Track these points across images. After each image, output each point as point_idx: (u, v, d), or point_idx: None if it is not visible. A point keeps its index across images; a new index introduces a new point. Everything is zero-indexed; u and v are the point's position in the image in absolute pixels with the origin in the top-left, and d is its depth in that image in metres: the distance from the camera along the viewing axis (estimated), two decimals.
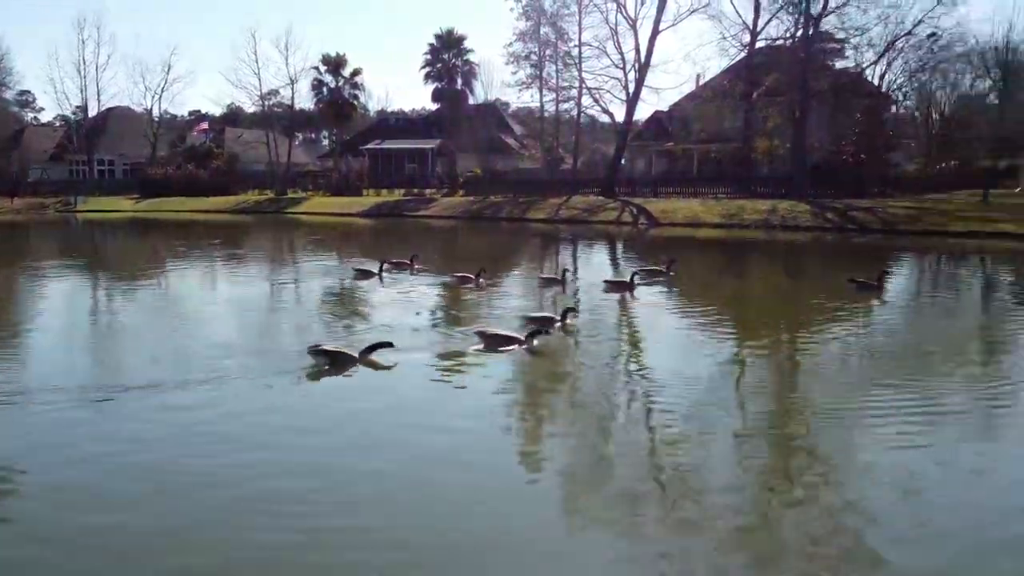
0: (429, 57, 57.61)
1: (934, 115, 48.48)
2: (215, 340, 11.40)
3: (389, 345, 10.06)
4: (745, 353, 11.09)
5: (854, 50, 44.23)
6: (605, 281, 16.73)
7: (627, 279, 16.08)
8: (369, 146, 70.51)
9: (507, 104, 70.74)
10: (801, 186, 39.71)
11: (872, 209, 33.37)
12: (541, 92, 57.29)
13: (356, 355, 9.91)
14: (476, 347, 10.55)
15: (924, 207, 33.58)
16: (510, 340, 10.60)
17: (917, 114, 50.30)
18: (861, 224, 31.33)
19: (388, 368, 9.72)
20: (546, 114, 58.02)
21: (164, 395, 8.63)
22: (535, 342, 10.56)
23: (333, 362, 9.79)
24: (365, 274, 18.25)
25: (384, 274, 18.07)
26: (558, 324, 11.82)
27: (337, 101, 61.00)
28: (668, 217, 36.42)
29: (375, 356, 9.97)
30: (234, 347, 10.82)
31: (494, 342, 10.58)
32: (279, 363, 9.85)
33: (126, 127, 73.32)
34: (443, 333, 12.01)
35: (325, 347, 10.00)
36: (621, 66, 47.86)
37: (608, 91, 48.88)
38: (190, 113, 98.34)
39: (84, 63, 67.10)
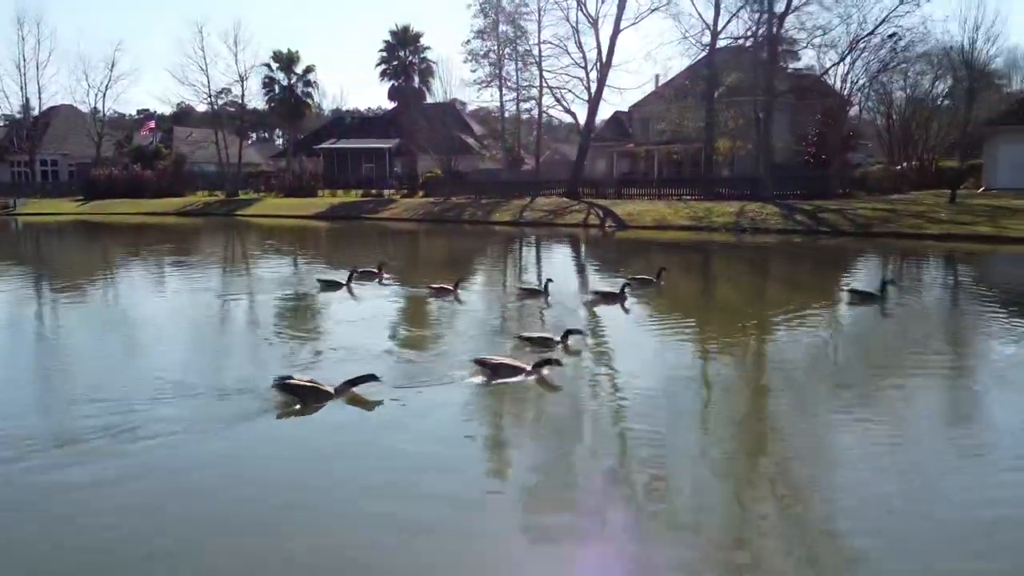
0: (385, 54, 55.80)
1: (894, 116, 48.39)
2: (154, 374, 9.44)
3: (373, 378, 8.50)
4: (740, 367, 9.84)
5: (816, 50, 43.72)
6: (594, 292, 15.36)
7: (617, 290, 14.79)
8: (324, 145, 68.36)
9: (464, 104, 69.27)
10: (766, 187, 39.01)
11: (842, 211, 32.66)
12: (501, 91, 55.89)
13: (332, 390, 8.40)
14: (476, 378, 9.07)
15: (894, 208, 33.02)
16: (516, 370, 9.14)
17: (878, 115, 50.16)
18: (832, 226, 30.55)
19: (372, 407, 8.22)
20: (507, 114, 56.68)
21: (77, 461, 6.72)
22: (545, 371, 9.11)
23: (303, 399, 8.26)
24: (330, 285, 16.61)
25: (353, 284, 16.50)
26: (559, 345, 10.46)
27: (290, 99, 58.80)
28: (635, 220, 35.31)
29: (358, 390, 8.47)
30: (178, 384, 8.99)
31: (497, 373, 9.12)
32: (233, 405, 8.22)
33: (71, 126, 69.84)
34: (431, 359, 10.43)
35: (294, 381, 8.44)
36: (583, 65, 46.78)
37: (570, 90, 47.73)
38: (139, 112, 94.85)
39: (24, 60, 63.84)
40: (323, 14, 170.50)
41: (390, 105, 65.31)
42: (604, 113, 58.03)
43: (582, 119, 49.13)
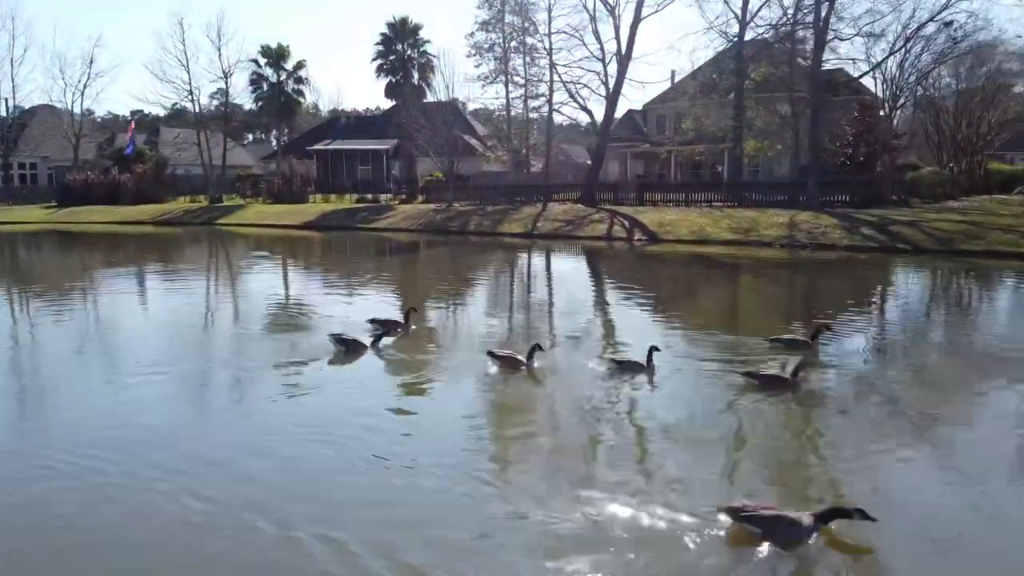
0: (381, 48, 50.35)
1: (944, 113, 43.15)
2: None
3: None
4: None
5: (865, 40, 38.45)
6: (750, 375, 9.46)
7: (783, 371, 9.50)
8: (317, 147, 63.06)
9: (465, 104, 64.02)
10: (812, 195, 33.76)
11: (915, 223, 27.44)
12: (507, 87, 50.71)
13: None
14: None
15: (971, 219, 27.79)
16: None
17: (924, 113, 44.85)
18: (910, 242, 25.29)
19: None
20: (513, 112, 51.43)
21: None
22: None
23: None
24: (347, 344, 11.18)
25: (380, 342, 11.41)
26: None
27: (279, 97, 53.42)
28: (668, 231, 30.02)
29: None
30: None
31: None
32: None
33: (50, 128, 64.38)
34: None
35: None
36: (600, 57, 41.49)
37: (586, 85, 42.43)
38: (133, 113, 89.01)
39: None
40: (317, 7, 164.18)
41: (388, 104, 59.86)
42: (616, 111, 52.59)
43: (598, 117, 43.87)
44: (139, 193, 52.67)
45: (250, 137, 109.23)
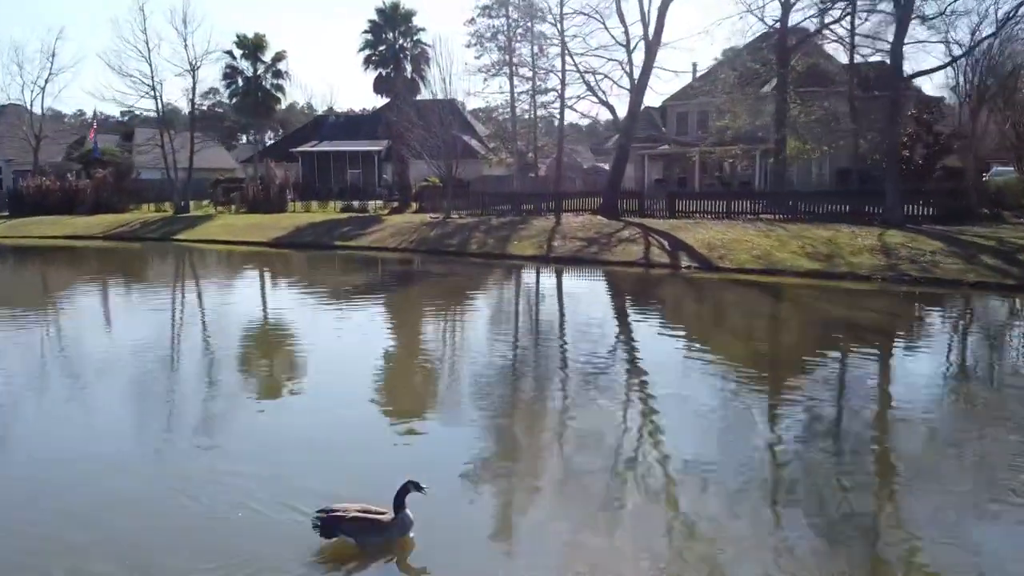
0: (369, 37, 43.40)
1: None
2: None
3: None
4: None
5: (947, 25, 31.58)
6: None
7: None
8: (302, 148, 56.05)
9: (464, 103, 57.17)
10: (894, 208, 26.90)
11: None
12: (512, 81, 43.91)
13: None
14: None
15: None
16: None
17: (1000, 109, 37.82)
18: None
19: None
20: (519, 109, 44.63)
21: None
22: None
23: None
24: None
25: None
26: None
27: (256, 93, 46.46)
28: (723, 255, 23.10)
29: None
30: None
31: None
32: None
33: (10, 129, 57.41)
34: None
35: None
36: (625, 42, 34.54)
37: (607, 75, 35.48)
38: (123, 114, 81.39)
39: None
40: None
41: (379, 100, 52.82)
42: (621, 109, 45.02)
43: (618, 112, 36.95)
44: (98, 201, 45.78)
45: (244, 139, 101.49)
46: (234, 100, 46.44)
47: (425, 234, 31.24)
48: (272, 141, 55.11)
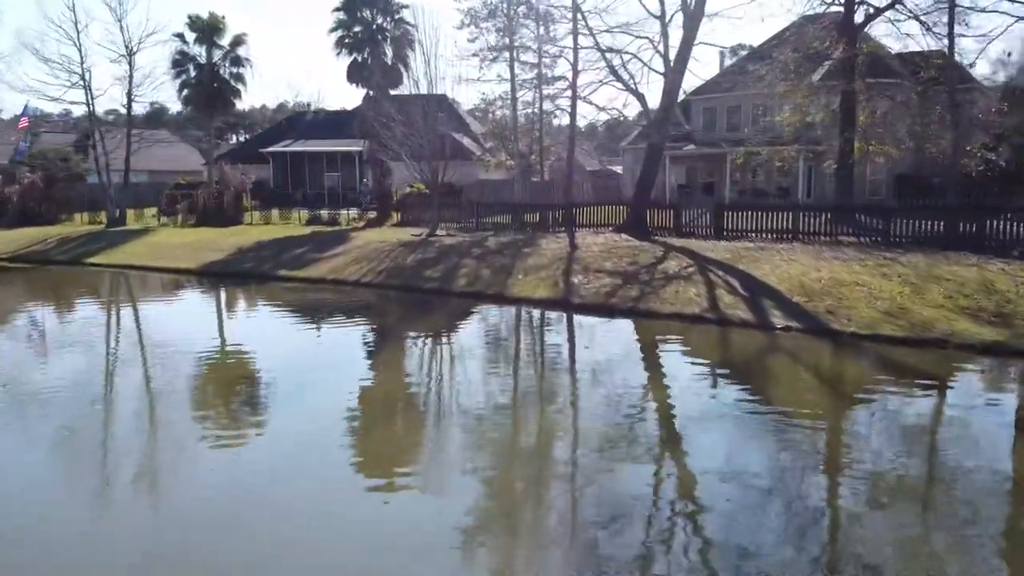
0: (342, 16, 35.05)
1: None
2: None
3: None
4: None
5: None
6: None
7: None
8: (273, 148, 47.95)
9: (456, 100, 49.01)
10: None
11: None
12: (512, 68, 35.85)
13: None
14: None
15: None
16: None
17: None
18: None
19: None
20: (522, 101, 36.60)
21: None
22: None
23: None
24: None
25: None
26: None
27: (211, 83, 38.16)
28: (835, 310, 14.77)
29: None
30: None
31: None
32: None
33: None
34: None
35: None
36: (660, 14, 26.27)
37: (634, 55, 27.08)
38: (26, 109, 71.42)
39: None
40: None
41: (355, 91, 44.49)
42: (636, 107, 36.28)
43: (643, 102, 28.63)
44: (24, 211, 37.64)
45: (235, 139, 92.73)
46: (185, 92, 38.02)
47: (400, 260, 23.04)
48: (238, 143, 46.64)
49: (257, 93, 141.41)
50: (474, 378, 12.15)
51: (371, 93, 34.70)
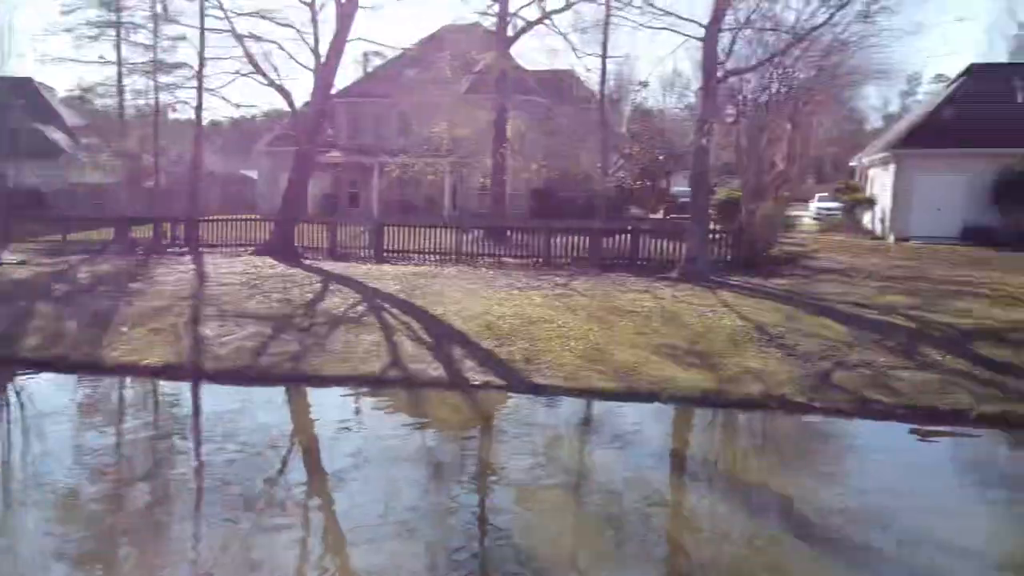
0: None
1: None
2: None
3: None
4: None
5: None
6: None
7: None
8: None
9: (54, 89, 38.42)
10: (702, 253, 18.74)
11: None
12: (120, 50, 28.39)
13: None
14: None
15: None
16: None
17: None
18: None
19: None
20: (131, 91, 29.07)
21: None
22: None
23: None
24: None
25: None
26: None
27: None
28: (532, 358, 11.95)
29: None
30: None
31: None
32: None
33: None
34: None
35: None
36: (309, 1, 21.41)
37: (279, 45, 21.83)
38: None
39: None
40: None
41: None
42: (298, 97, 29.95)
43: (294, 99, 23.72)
44: None
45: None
46: None
47: None
48: None
49: None
50: None
51: None
